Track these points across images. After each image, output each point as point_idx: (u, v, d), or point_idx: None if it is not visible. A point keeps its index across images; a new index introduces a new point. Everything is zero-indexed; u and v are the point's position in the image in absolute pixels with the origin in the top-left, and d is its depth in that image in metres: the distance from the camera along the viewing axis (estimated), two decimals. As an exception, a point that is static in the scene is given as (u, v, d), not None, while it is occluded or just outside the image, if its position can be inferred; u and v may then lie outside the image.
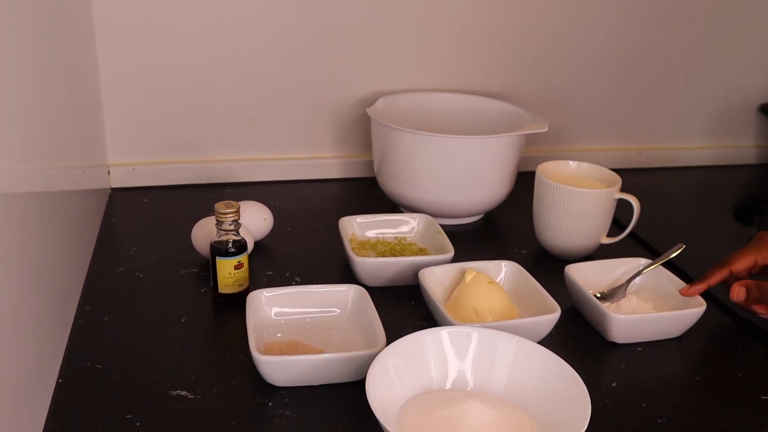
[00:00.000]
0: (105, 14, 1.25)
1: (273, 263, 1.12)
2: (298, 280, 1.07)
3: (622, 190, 1.14)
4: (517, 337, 0.82)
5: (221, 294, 0.99)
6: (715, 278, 0.99)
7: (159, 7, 1.27)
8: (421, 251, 1.12)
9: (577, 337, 0.98)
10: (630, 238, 1.21)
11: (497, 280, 1.02)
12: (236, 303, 0.99)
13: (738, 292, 0.97)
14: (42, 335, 0.80)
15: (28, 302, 0.75)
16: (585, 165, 1.23)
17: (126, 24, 1.27)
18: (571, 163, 1.23)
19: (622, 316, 0.94)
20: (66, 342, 0.90)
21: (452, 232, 1.13)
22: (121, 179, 1.37)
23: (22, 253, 0.73)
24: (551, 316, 0.92)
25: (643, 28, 1.50)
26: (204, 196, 1.34)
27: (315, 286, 0.97)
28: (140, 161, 1.37)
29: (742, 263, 0.99)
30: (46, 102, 0.87)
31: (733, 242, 1.32)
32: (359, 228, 1.16)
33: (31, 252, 0.76)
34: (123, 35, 1.28)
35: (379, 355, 0.78)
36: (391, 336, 0.84)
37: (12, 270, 0.69)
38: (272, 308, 0.94)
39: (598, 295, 1.02)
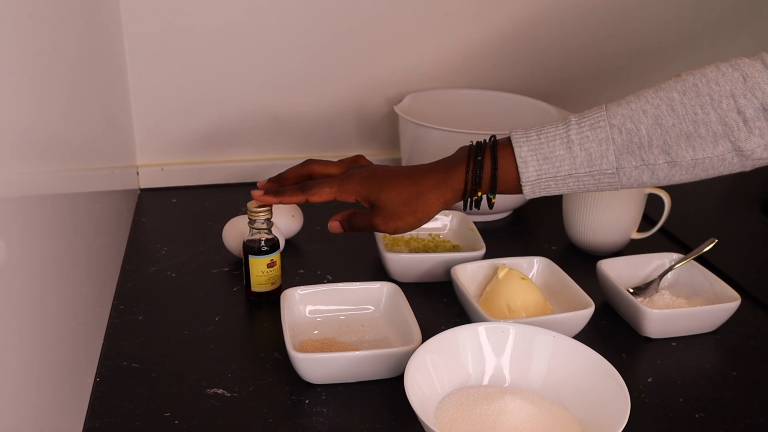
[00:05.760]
0: (133, 16, 1.26)
1: (304, 261, 1.12)
2: (330, 278, 1.07)
3: (653, 184, 1.14)
4: (554, 333, 0.82)
5: (254, 292, 1.00)
6: (292, 199, 0.92)
7: (185, 9, 1.28)
8: (455, 248, 1.12)
9: (611, 332, 0.98)
10: (660, 233, 1.20)
11: (530, 276, 1.02)
12: (269, 301, 1.00)
13: (333, 226, 0.93)
14: (78, 335, 0.81)
15: (64, 303, 0.75)
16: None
17: (153, 25, 1.27)
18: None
19: (657, 311, 0.93)
20: (102, 341, 0.91)
21: (481, 229, 1.12)
22: (149, 180, 1.37)
23: (56, 254, 0.73)
24: (586, 311, 0.91)
25: (669, 20, 1.49)
26: (232, 196, 1.34)
27: (349, 283, 0.97)
28: (169, 161, 1.38)
29: (321, 198, 0.91)
30: (76, 104, 0.88)
31: (765, 236, 1.32)
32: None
33: (64, 253, 0.77)
34: (150, 36, 1.28)
35: (417, 350, 0.78)
36: (425, 332, 0.85)
37: (47, 271, 0.69)
38: (306, 306, 0.95)
39: (631, 291, 1.01)
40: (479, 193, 0.85)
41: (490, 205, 0.87)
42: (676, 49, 1.52)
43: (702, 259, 1.06)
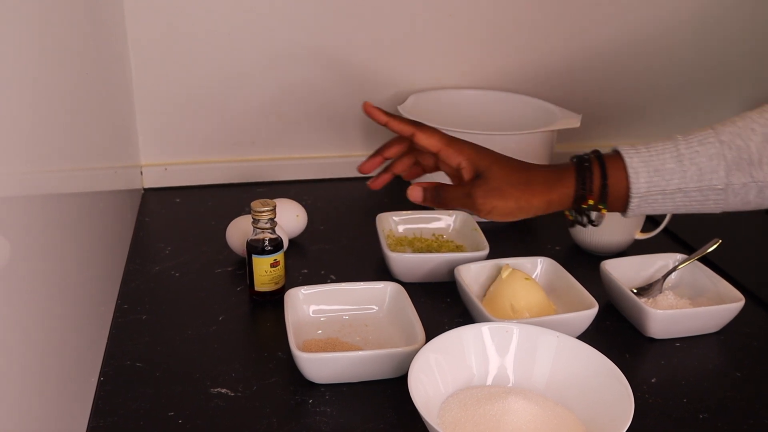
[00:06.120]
0: (137, 18, 1.26)
1: (307, 261, 1.12)
2: (333, 277, 1.07)
3: (656, 185, 1.13)
4: (557, 333, 0.82)
5: (258, 292, 1.00)
6: (400, 126, 0.89)
7: (188, 10, 1.28)
8: (458, 248, 1.12)
9: (614, 332, 0.98)
10: (663, 233, 1.20)
11: (533, 276, 1.02)
12: (272, 301, 1.00)
13: (414, 193, 0.88)
14: (82, 335, 0.81)
15: (68, 302, 0.75)
16: (618, 160, 1.22)
17: (157, 25, 1.28)
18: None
19: (661, 311, 0.93)
20: (106, 341, 0.91)
21: (485, 229, 1.12)
22: (153, 179, 1.38)
23: (60, 253, 0.73)
24: (589, 311, 0.91)
25: (674, 21, 1.49)
26: (236, 196, 1.34)
27: (352, 283, 0.97)
28: (172, 161, 1.38)
29: (428, 141, 0.88)
30: (80, 104, 0.88)
31: (768, 236, 1.32)
32: (396, 224, 1.16)
33: (68, 252, 0.77)
34: (154, 37, 1.28)
35: (421, 350, 0.78)
36: (429, 332, 0.85)
37: (51, 271, 0.70)
38: (310, 306, 0.95)
39: (634, 291, 1.01)
40: (590, 201, 0.83)
41: (598, 220, 0.85)
42: (684, 48, 1.52)
43: (706, 260, 1.06)
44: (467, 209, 0.86)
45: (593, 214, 0.85)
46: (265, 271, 0.98)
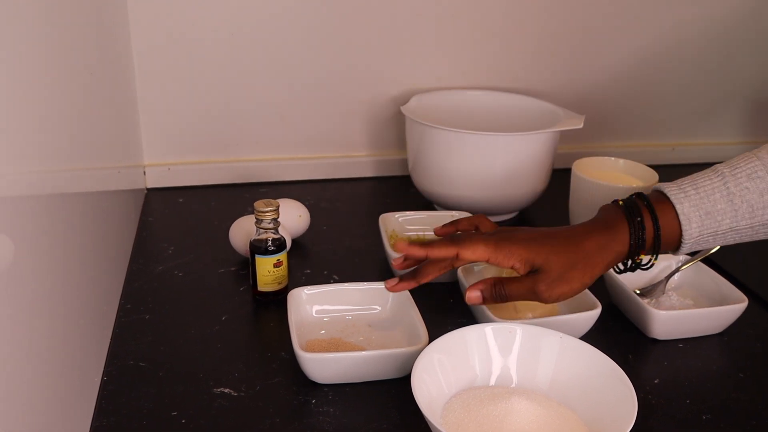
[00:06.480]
0: (141, 18, 1.26)
1: (310, 261, 1.12)
2: (336, 278, 1.07)
3: (660, 186, 1.13)
4: (561, 334, 0.82)
5: (261, 292, 1.00)
6: (441, 252, 0.85)
7: (192, 9, 1.28)
8: (461, 248, 1.12)
9: (617, 333, 0.98)
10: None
11: (536, 277, 1.02)
12: (275, 301, 1.00)
13: (473, 297, 0.87)
14: (86, 334, 0.81)
15: (72, 302, 0.75)
16: (621, 161, 1.23)
17: (160, 26, 1.28)
18: (607, 159, 1.23)
19: (664, 312, 0.93)
20: (109, 341, 0.91)
21: (488, 230, 1.12)
22: (156, 179, 1.38)
23: (63, 253, 0.73)
24: (592, 312, 0.91)
25: (677, 23, 1.49)
26: (239, 196, 1.35)
27: (355, 283, 0.97)
28: (175, 161, 1.38)
29: (474, 255, 0.84)
30: (84, 104, 0.88)
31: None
32: (399, 225, 1.16)
33: (72, 252, 0.77)
34: (158, 37, 1.28)
35: (424, 350, 0.78)
36: (432, 333, 0.85)
37: (55, 270, 0.70)
38: (313, 306, 0.95)
39: (637, 292, 1.01)
40: (642, 256, 0.83)
41: (649, 265, 0.86)
42: (687, 51, 1.52)
43: (709, 261, 1.06)
44: (532, 300, 0.86)
45: (644, 259, 0.86)
46: (268, 271, 0.98)
